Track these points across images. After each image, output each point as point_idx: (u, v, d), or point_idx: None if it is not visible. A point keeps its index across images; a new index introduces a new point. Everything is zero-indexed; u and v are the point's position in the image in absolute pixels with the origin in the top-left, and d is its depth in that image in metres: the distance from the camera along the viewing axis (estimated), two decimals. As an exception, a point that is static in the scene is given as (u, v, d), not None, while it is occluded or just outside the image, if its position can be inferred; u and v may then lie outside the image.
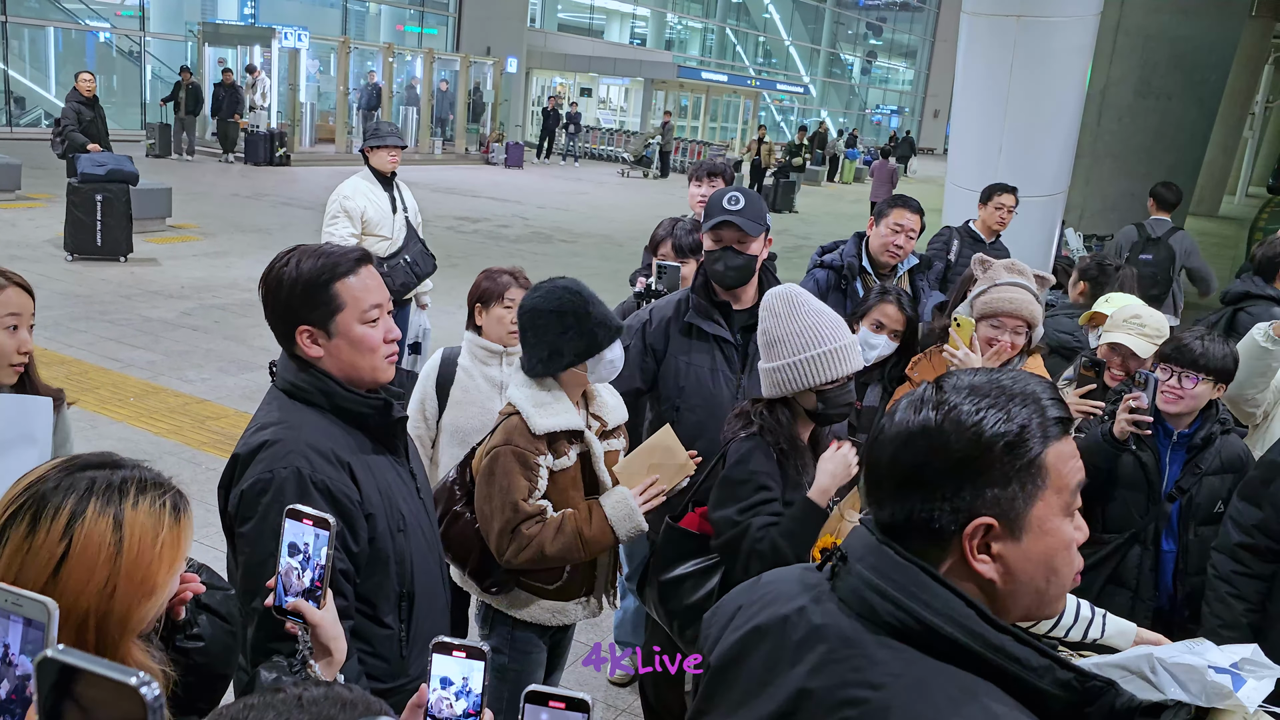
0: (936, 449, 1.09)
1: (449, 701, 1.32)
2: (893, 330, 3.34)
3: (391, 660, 1.94)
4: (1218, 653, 1.59)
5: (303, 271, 1.85)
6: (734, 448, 2.38)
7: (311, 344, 1.86)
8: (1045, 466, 1.08)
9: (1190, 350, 2.76)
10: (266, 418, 1.88)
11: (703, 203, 4.70)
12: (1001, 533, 1.08)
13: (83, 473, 1.25)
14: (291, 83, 20.14)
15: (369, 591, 1.89)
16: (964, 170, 7.35)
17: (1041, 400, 1.10)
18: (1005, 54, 6.72)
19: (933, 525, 1.09)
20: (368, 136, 5.67)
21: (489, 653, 1.32)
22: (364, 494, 1.84)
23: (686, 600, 2.43)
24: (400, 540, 1.92)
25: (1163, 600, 2.89)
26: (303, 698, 0.88)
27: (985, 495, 1.07)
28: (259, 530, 1.78)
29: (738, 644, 1.26)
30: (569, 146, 26.20)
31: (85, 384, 6.38)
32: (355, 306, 1.86)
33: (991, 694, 1.04)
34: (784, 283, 2.63)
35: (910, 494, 1.11)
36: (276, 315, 1.89)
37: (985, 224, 5.48)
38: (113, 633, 1.23)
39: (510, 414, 2.52)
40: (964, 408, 1.09)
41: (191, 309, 8.35)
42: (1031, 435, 1.07)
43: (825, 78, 46.71)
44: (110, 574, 1.21)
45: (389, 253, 5.46)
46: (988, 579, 1.09)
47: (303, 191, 15.87)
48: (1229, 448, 2.86)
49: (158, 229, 11.21)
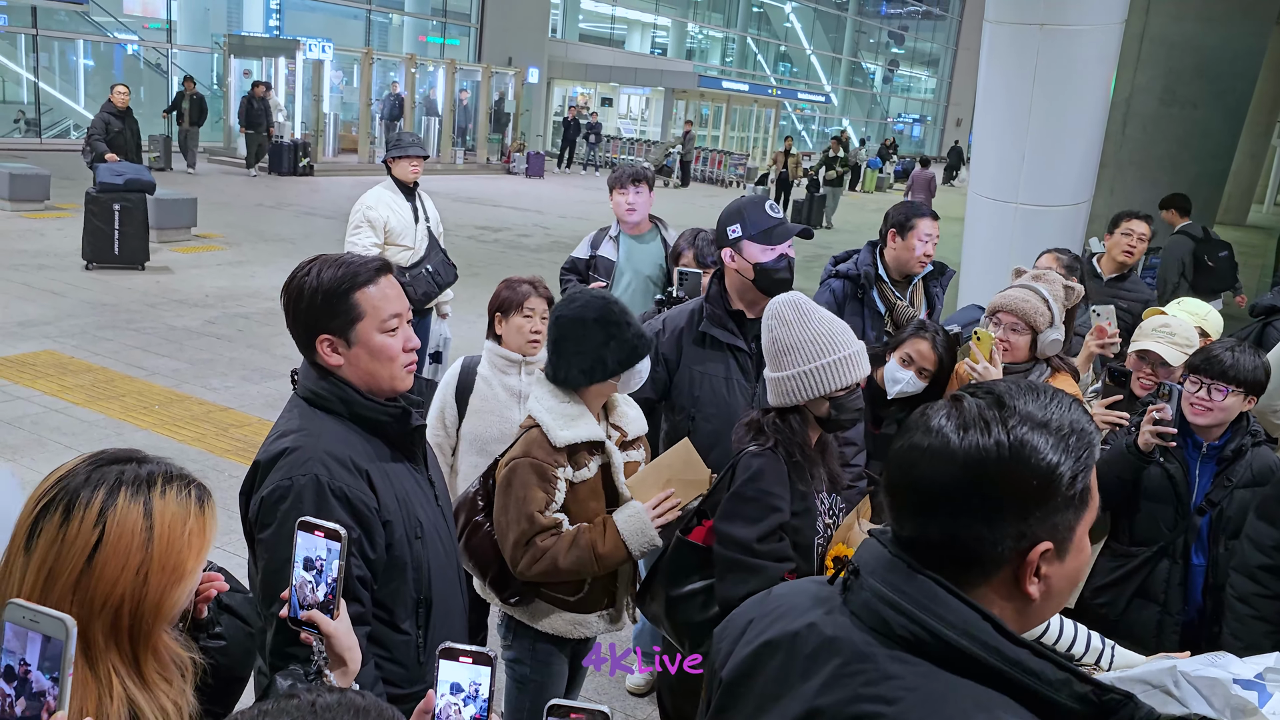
0: (1002, 476, 1.07)
1: (457, 707, 1.31)
2: (921, 368, 3.18)
3: (409, 666, 1.95)
4: (1240, 665, 1.57)
5: (323, 281, 1.86)
6: (744, 462, 2.35)
7: (331, 352, 1.88)
8: (1091, 491, 1.11)
9: (1220, 362, 2.73)
10: (287, 425, 1.90)
11: (630, 210, 4.61)
12: (1053, 555, 1.09)
13: (110, 466, 1.29)
14: (315, 93, 20.34)
15: (386, 598, 1.90)
16: (986, 179, 7.31)
17: (1092, 437, 1.12)
18: (1028, 62, 6.67)
19: (984, 547, 1.08)
20: (390, 147, 5.73)
21: (496, 658, 1.32)
22: (382, 501, 1.86)
23: (698, 617, 2.41)
24: (418, 547, 1.93)
25: (1192, 614, 2.85)
26: (316, 704, 0.88)
27: (1049, 522, 1.08)
28: (278, 536, 1.79)
29: (749, 659, 1.25)
30: (590, 156, 26.30)
31: (111, 392, 6.45)
32: (375, 316, 1.87)
33: (1008, 708, 1.02)
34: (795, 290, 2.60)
35: (959, 516, 1.08)
36: (297, 323, 1.90)
37: (1110, 255, 4.77)
38: (147, 619, 1.26)
39: (530, 426, 2.51)
40: (1034, 440, 1.07)
41: (215, 317, 8.43)
42: (1087, 469, 1.09)
43: (847, 86, 46.65)
44: (143, 560, 1.25)
45: (411, 262, 5.49)
46: (1030, 598, 1.10)
47: (325, 201, 15.99)
48: (1260, 460, 2.81)
49: (183, 238, 11.33)
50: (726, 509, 2.35)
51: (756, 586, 2.17)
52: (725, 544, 2.33)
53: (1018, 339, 3.08)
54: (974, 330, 3.06)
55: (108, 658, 1.24)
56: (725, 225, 3.00)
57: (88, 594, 1.23)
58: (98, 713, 1.21)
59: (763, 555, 2.28)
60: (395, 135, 5.70)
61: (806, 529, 2.38)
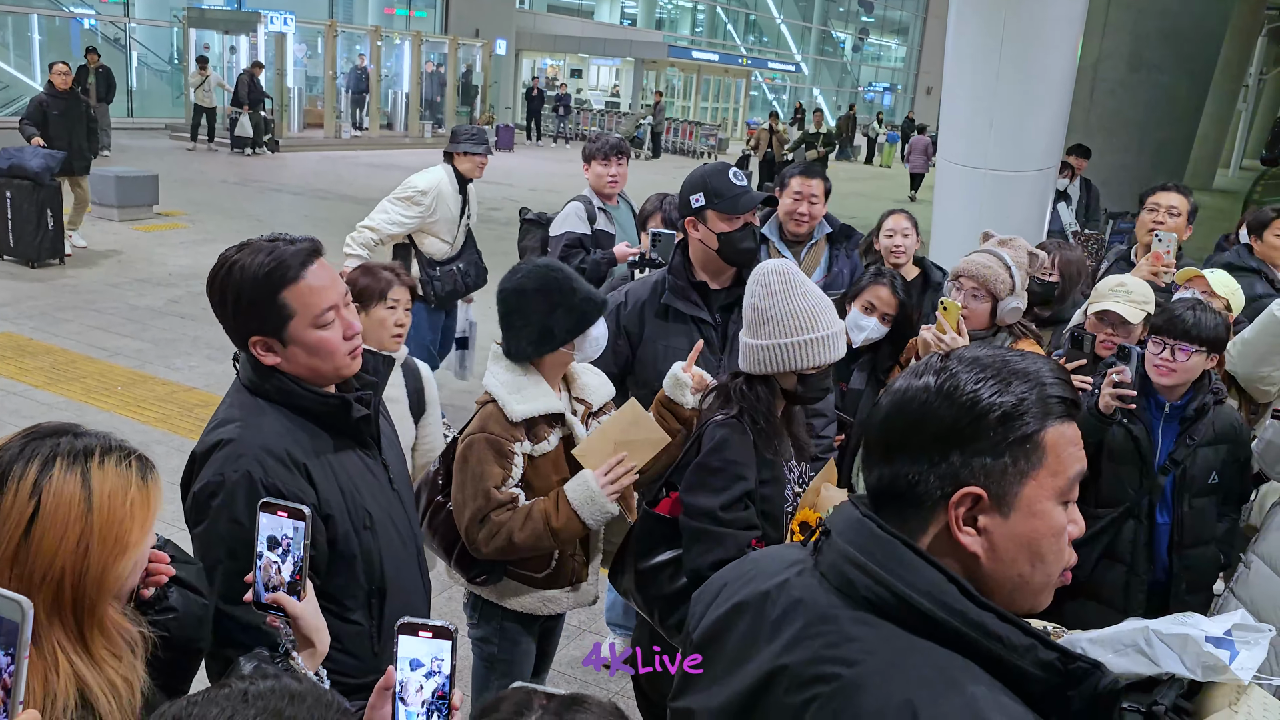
0: (929, 413, 1.07)
1: (419, 683, 1.29)
2: (883, 314, 3.28)
3: (362, 656, 1.90)
4: (1209, 623, 1.59)
5: (246, 280, 1.73)
6: (709, 432, 2.33)
7: (267, 353, 1.78)
8: (1042, 445, 1.05)
9: (1182, 321, 2.73)
10: (227, 414, 1.83)
11: (613, 182, 4.60)
12: (989, 506, 1.05)
13: (46, 439, 1.27)
14: (279, 68, 19.96)
15: (335, 590, 1.85)
16: (955, 145, 7.30)
17: (1044, 378, 1.07)
18: (996, 27, 6.65)
19: (916, 490, 1.07)
20: (454, 139, 5.50)
21: (456, 632, 1.30)
22: (321, 496, 1.79)
23: (667, 589, 2.39)
24: (366, 538, 1.87)
25: (1159, 574, 2.87)
26: (249, 692, 0.86)
27: (974, 464, 1.05)
28: (210, 534, 1.74)
29: (720, 621, 1.24)
30: (559, 128, 26.07)
31: (72, 373, 6.34)
32: (306, 313, 1.76)
33: (970, 673, 1.00)
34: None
35: (897, 458, 1.09)
36: (226, 325, 1.80)
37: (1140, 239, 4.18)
38: (90, 592, 1.24)
39: (486, 401, 2.47)
40: (963, 376, 1.08)
41: (179, 296, 8.29)
42: (1029, 410, 1.05)
43: (817, 55, 46.47)
44: (83, 531, 1.23)
45: (446, 257, 5.41)
46: (971, 553, 1.07)
47: (291, 177, 15.77)
48: (1222, 418, 2.84)
49: (145, 216, 11.12)
50: (691, 479, 2.34)
51: (723, 555, 2.16)
52: (691, 514, 2.32)
53: (978, 305, 3.07)
54: (940, 300, 3.05)
55: (52, 634, 1.22)
56: (688, 194, 2.94)
57: (26, 568, 1.21)
58: (44, 691, 1.18)
59: (728, 524, 2.26)
60: (460, 128, 5.58)
61: (776, 497, 2.37)
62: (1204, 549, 2.86)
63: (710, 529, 2.27)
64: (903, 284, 3.36)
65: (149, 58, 22.40)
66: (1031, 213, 7.07)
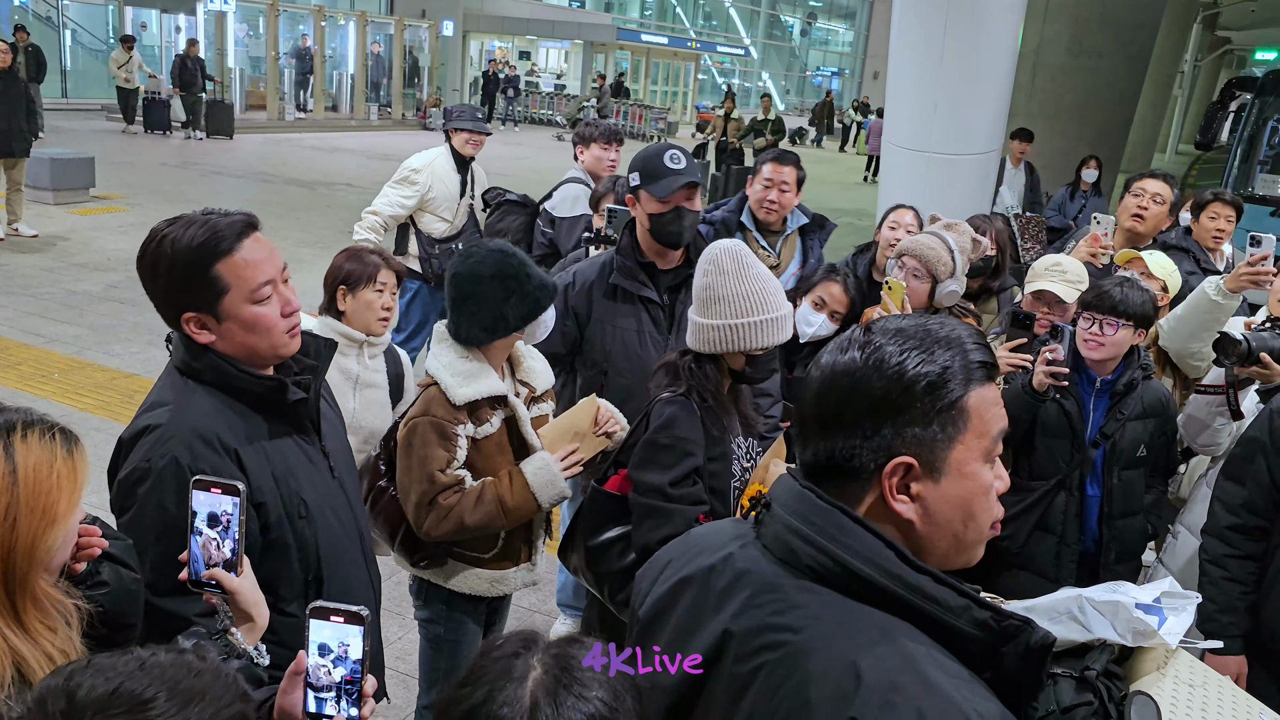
0: (859, 388, 1.09)
1: (326, 669, 1.28)
2: (833, 311, 3.28)
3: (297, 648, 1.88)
4: (1139, 590, 1.63)
5: (179, 253, 1.66)
6: (657, 410, 2.35)
7: (200, 330, 1.72)
8: (966, 410, 1.09)
9: (1110, 297, 2.81)
10: (158, 397, 1.77)
11: (612, 166, 4.79)
12: (921, 473, 1.09)
13: None
14: (219, 47, 19.49)
15: (267, 578, 1.76)
16: (900, 128, 7.38)
17: (965, 344, 1.11)
18: (939, 13, 6.73)
19: (853, 463, 1.10)
20: (448, 117, 5.64)
21: (368, 617, 1.29)
22: (253, 483, 1.72)
23: (616, 565, 2.42)
24: (301, 526, 1.82)
25: (1088, 543, 2.96)
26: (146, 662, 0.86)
27: (905, 435, 1.08)
28: (138, 521, 1.68)
29: (665, 595, 1.26)
30: (508, 111, 25.82)
31: (6, 360, 6.17)
32: (242, 287, 1.69)
33: (909, 634, 1.04)
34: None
35: (833, 432, 1.11)
36: (157, 300, 1.73)
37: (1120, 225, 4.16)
38: (21, 565, 1.24)
39: (429, 384, 2.46)
40: (888, 349, 1.09)
41: (118, 281, 8.09)
42: (953, 377, 1.08)
43: (766, 39, 46.55)
44: (9, 504, 1.23)
45: (446, 235, 5.44)
46: (906, 519, 1.10)
47: (233, 160, 15.44)
48: (1151, 393, 2.93)
49: (81, 200, 10.84)
50: (640, 456, 2.36)
51: (671, 531, 2.19)
52: (640, 490, 2.34)
53: (918, 285, 3.11)
54: (885, 279, 3.09)
55: None
56: (630, 173, 2.97)
57: None
58: None
59: (677, 499, 2.30)
60: (455, 107, 5.63)
61: (723, 473, 2.40)
62: (1132, 520, 2.95)
63: (659, 505, 2.30)
64: (856, 283, 3.33)
65: (83, 36, 21.71)
66: (974, 195, 7.18)
